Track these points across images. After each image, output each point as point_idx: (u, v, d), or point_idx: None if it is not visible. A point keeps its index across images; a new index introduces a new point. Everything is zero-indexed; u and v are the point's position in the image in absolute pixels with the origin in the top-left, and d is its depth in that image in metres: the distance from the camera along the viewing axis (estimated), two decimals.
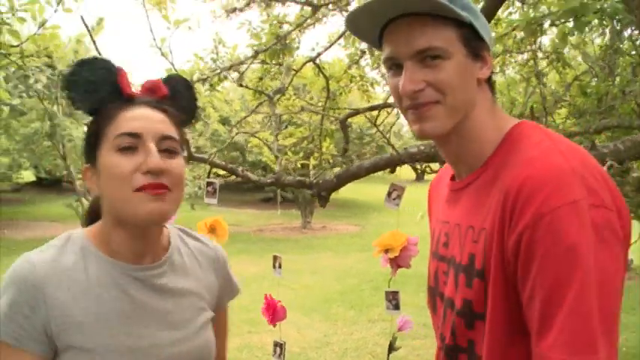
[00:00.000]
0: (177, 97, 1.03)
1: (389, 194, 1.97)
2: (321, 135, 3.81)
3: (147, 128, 0.92)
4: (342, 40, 3.79)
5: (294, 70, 3.60)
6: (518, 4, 4.03)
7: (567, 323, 0.75)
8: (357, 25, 0.96)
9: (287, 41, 2.68)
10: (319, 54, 3.67)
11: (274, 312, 2.00)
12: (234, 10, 2.78)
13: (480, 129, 0.94)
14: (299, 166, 4.02)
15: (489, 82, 0.97)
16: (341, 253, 10.89)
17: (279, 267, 2.20)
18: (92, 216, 1.03)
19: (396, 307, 2.03)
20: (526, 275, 0.80)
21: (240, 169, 2.83)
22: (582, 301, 0.75)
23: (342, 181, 2.43)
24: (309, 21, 3.13)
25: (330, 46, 3.66)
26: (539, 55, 5.22)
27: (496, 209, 0.86)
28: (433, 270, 1.10)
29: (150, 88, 1.00)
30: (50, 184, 23.39)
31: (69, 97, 0.96)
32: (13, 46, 1.92)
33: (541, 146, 0.87)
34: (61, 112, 15.62)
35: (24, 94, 14.96)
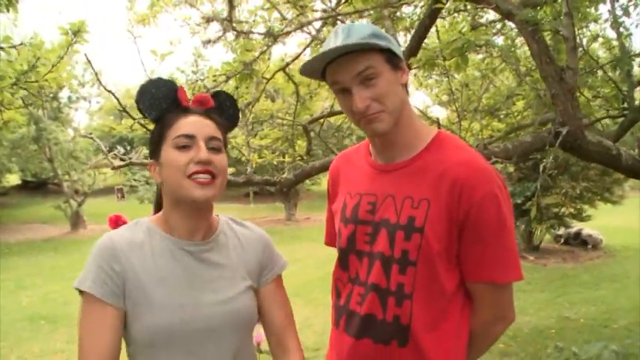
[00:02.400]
0: (222, 108, 1.29)
1: None
2: (293, 136, 4.29)
3: (198, 131, 1.17)
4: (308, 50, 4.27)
5: (266, 79, 4.08)
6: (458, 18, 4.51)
7: (508, 255, 1.23)
8: (310, 68, 1.28)
9: (254, 67, 3.14)
10: (288, 64, 4.15)
11: None
12: (208, 41, 3.24)
13: (411, 119, 1.30)
14: (274, 163, 4.50)
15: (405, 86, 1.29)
16: (322, 242, 11.25)
17: None
18: (157, 208, 1.32)
19: None
20: (478, 228, 1.20)
21: None
22: (512, 242, 1.24)
23: (299, 178, 2.95)
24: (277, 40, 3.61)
25: (297, 57, 4.14)
26: (493, 54, 5.66)
27: (444, 190, 1.21)
28: (348, 233, 1.36)
29: (200, 101, 1.25)
30: (35, 187, 23.44)
31: (138, 108, 1.21)
32: (31, 82, 2.34)
33: (467, 150, 1.29)
34: (46, 117, 15.83)
35: None
